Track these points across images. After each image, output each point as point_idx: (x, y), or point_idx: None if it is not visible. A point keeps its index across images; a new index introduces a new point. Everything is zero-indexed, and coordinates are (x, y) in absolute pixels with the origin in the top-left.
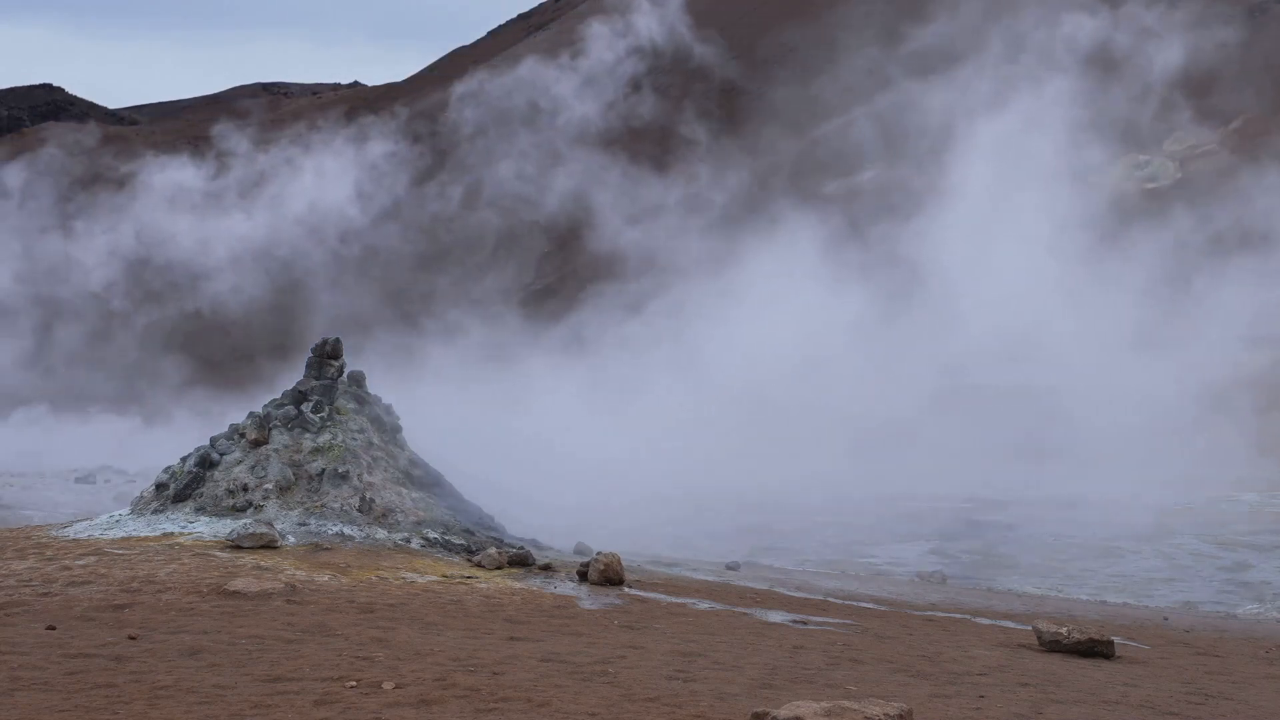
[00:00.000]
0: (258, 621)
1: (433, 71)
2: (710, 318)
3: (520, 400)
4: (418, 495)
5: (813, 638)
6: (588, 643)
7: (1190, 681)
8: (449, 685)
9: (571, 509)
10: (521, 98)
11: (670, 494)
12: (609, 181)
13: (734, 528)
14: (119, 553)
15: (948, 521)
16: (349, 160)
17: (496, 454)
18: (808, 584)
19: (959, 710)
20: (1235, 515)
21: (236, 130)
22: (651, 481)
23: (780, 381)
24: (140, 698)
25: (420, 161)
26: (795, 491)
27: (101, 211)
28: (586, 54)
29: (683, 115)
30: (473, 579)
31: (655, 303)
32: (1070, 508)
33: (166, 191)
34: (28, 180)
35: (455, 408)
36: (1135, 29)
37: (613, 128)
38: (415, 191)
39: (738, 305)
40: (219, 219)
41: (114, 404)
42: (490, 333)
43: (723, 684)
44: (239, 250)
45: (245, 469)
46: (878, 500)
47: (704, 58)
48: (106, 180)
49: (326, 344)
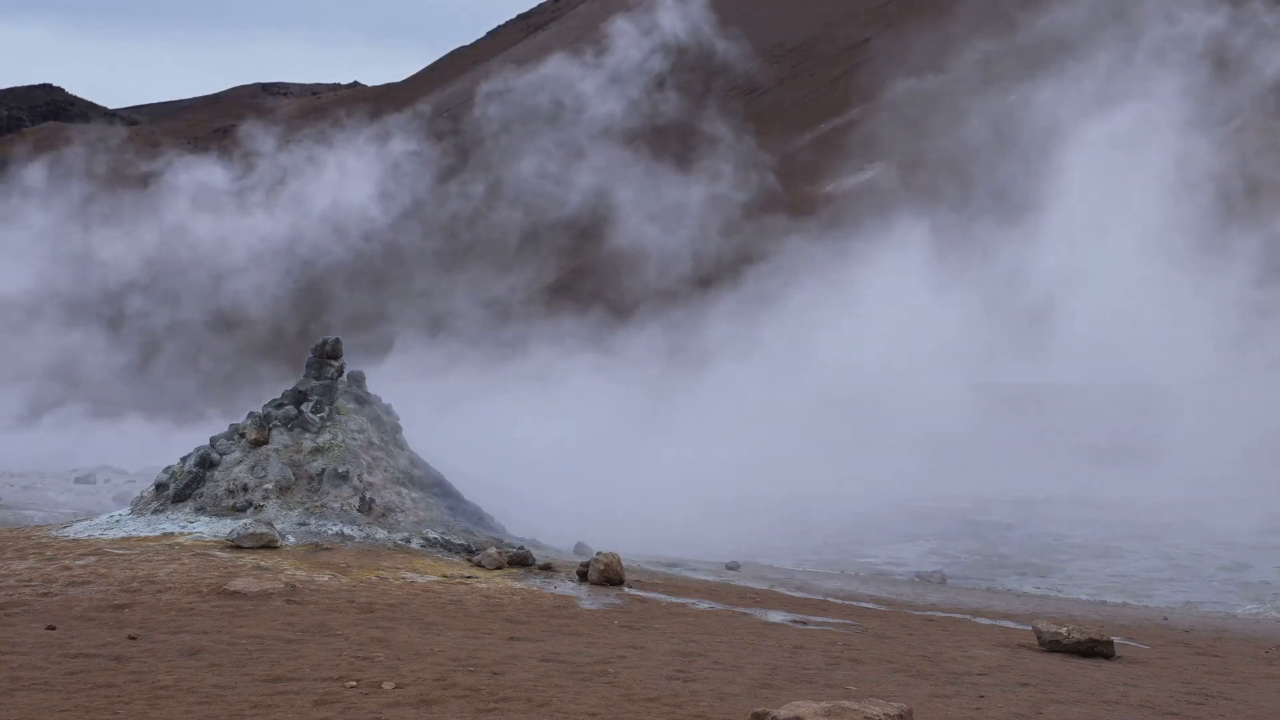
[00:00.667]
0: (258, 621)
1: (433, 71)
2: (817, 320)
3: (551, 403)
4: (418, 495)
5: (813, 638)
6: (588, 643)
7: (1190, 681)
8: (449, 685)
9: (631, 520)
10: (545, 96)
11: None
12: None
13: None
14: (119, 553)
15: (948, 522)
16: (371, 158)
17: (528, 461)
18: (808, 584)
19: (959, 710)
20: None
21: (262, 129)
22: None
23: (871, 384)
24: (140, 698)
25: (443, 160)
26: (873, 492)
27: (126, 210)
28: (612, 51)
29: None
30: (473, 579)
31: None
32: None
33: (191, 190)
34: (51, 179)
35: (482, 411)
36: (1254, 29)
37: (650, 123)
38: (438, 190)
39: (844, 307)
40: (242, 218)
41: (145, 406)
42: (516, 331)
43: (723, 684)
44: (261, 249)
45: (245, 469)
46: (939, 500)
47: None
48: (130, 178)
49: (326, 344)
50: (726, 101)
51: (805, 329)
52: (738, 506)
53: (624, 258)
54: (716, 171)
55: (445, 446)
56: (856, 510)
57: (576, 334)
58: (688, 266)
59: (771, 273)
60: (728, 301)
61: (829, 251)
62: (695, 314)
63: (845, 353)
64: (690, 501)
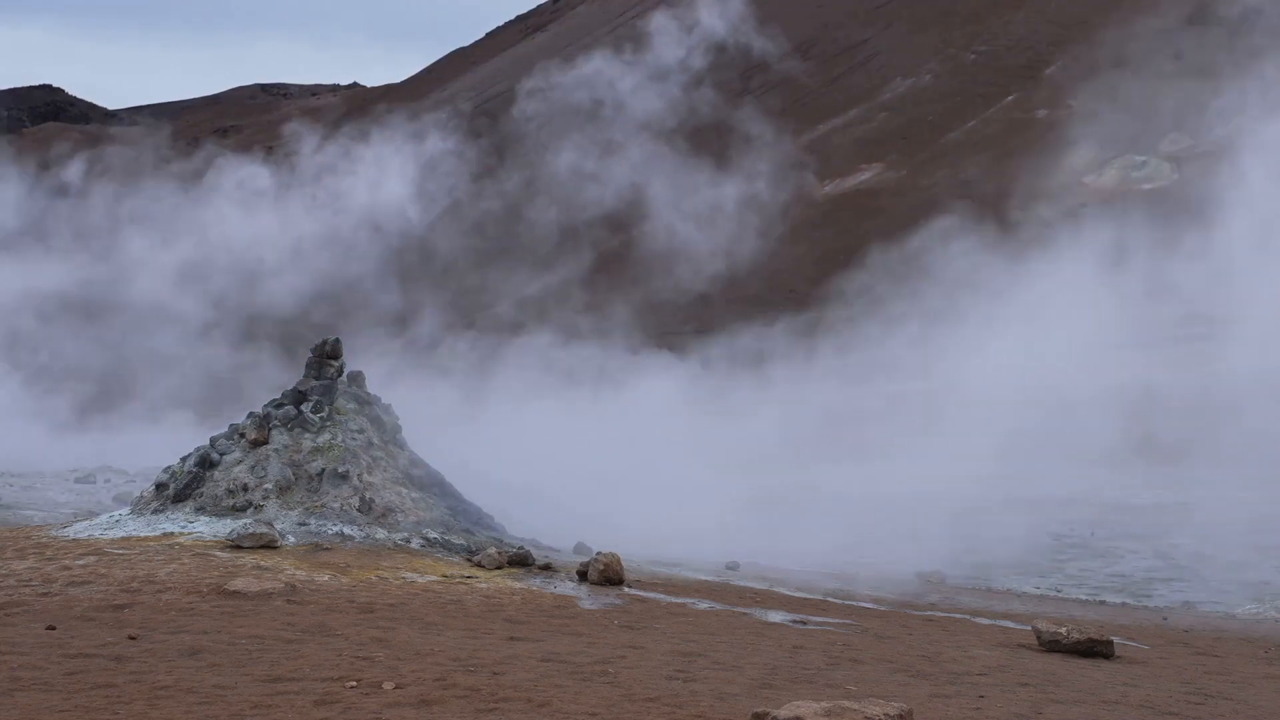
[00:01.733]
0: (258, 621)
1: (430, 73)
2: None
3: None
4: (417, 495)
5: (813, 638)
6: (588, 643)
7: (1189, 681)
8: (449, 685)
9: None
10: (584, 93)
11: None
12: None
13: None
14: (119, 553)
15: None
16: (409, 156)
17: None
18: (808, 584)
19: (959, 710)
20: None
21: (309, 127)
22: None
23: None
24: (140, 698)
25: (482, 159)
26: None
27: (165, 209)
28: (652, 47)
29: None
30: (472, 579)
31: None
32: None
33: (234, 189)
34: (87, 179)
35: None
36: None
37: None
38: (474, 187)
39: (1008, 319)
40: (283, 215)
41: (185, 406)
42: (557, 328)
43: (723, 684)
44: (302, 247)
45: (245, 469)
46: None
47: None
48: (173, 176)
49: (326, 344)
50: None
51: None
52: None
53: (659, 256)
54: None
55: (487, 451)
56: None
57: (627, 333)
58: (723, 265)
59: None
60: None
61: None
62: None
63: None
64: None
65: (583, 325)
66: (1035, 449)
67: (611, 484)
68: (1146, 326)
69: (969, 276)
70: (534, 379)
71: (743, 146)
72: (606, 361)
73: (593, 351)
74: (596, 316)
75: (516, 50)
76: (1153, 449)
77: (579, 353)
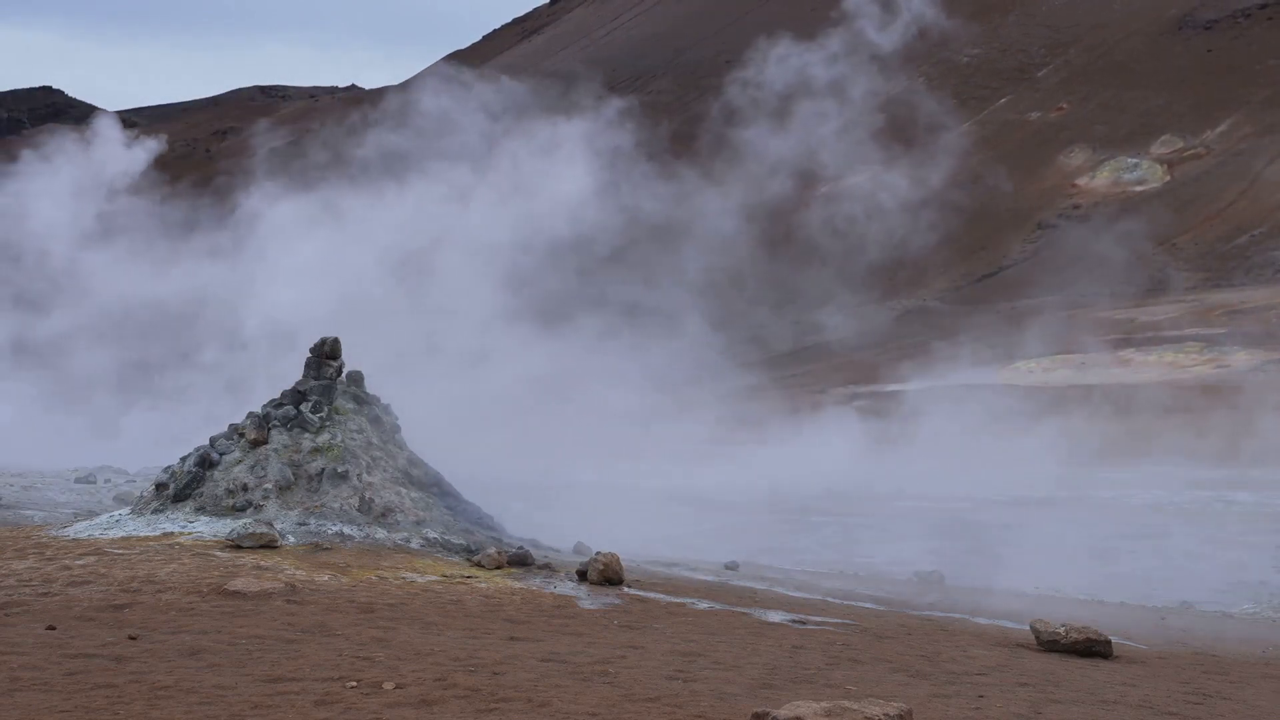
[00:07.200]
0: (258, 621)
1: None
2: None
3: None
4: (417, 495)
5: (812, 638)
6: (588, 643)
7: (1188, 681)
8: (449, 685)
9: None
10: (780, 78)
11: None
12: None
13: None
14: (119, 553)
15: (943, 521)
16: (584, 149)
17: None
18: (807, 584)
19: (958, 710)
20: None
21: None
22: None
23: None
24: (140, 698)
25: (665, 151)
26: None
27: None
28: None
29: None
30: (472, 579)
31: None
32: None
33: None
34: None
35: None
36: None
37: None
38: (658, 183)
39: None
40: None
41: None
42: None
43: (723, 684)
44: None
45: (245, 469)
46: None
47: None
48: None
49: (325, 344)
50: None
51: None
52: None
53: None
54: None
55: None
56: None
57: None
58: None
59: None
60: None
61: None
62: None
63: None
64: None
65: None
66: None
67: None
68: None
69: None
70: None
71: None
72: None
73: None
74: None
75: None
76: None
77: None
